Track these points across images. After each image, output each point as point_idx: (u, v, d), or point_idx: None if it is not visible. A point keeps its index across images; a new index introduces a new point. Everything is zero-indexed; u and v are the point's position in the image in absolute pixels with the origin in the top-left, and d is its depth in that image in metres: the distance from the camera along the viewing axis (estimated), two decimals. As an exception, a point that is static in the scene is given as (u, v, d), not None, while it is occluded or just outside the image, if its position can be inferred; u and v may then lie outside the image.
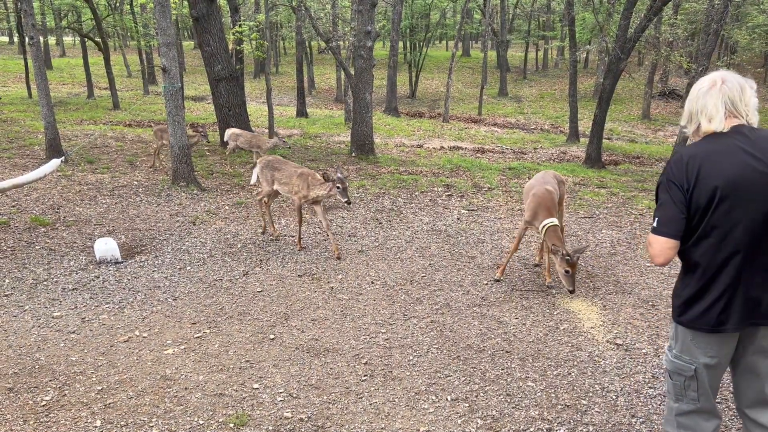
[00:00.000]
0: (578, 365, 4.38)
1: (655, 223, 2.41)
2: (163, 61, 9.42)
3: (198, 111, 23.19)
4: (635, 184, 12.31)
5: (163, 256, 6.73)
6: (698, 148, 2.39)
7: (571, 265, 5.30)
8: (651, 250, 2.43)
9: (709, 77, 2.45)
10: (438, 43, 52.36)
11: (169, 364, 4.37)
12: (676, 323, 2.56)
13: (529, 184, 6.34)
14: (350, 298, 5.66)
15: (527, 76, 37.87)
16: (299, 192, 6.96)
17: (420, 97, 32.80)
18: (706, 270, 2.40)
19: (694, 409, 2.60)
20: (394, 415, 3.76)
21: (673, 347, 2.60)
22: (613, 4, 22.36)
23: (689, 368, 2.53)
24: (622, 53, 14.55)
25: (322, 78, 36.92)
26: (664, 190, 2.40)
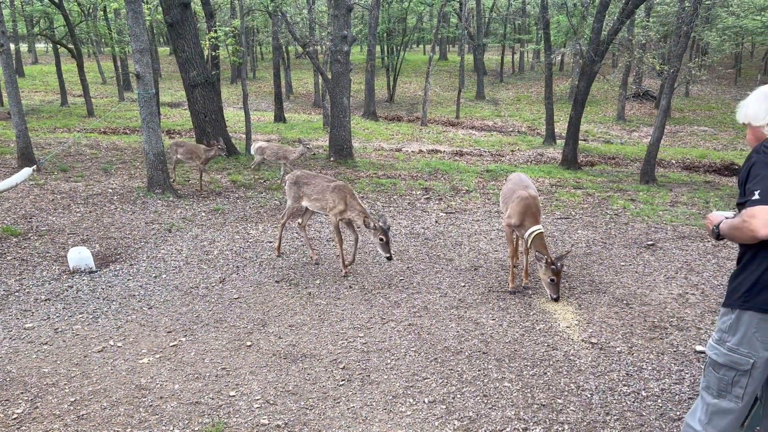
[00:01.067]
0: (554, 365, 4.42)
1: (756, 195, 2.34)
2: (137, 68, 9.33)
3: (174, 117, 22.99)
4: (611, 184, 12.46)
5: (138, 264, 6.66)
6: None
7: (556, 274, 5.34)
8: (755, 222, 2.32)
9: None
10: (415, 47, 52.59)
11: (144, 374, 4.32)
12: (739, 311, 2.50)
13: (509, 187, 6.33)
14: (328, 303, 5.65)
15: (504, 79, 38.16)
16: (335, 208, 6.36)
17: (398, 101, 32.88)
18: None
19: (734, 408, 2.54)
20: (372, 419, 3.76)
21: (727, 339, 2.53)
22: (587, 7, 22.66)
23: (747, 362, 2.47)
24: (595, 55, 14.74)
25: (299, 83, 36.84)
26: (762, 166, 2.39)
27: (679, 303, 5.64)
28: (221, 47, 15.74)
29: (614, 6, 18.72)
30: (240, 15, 15.36)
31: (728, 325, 2.54)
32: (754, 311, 2.45)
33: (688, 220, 8.87)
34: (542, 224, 5.96)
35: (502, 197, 6.41)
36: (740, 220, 2.41)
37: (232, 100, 29.17)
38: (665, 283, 6.17)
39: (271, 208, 9.27)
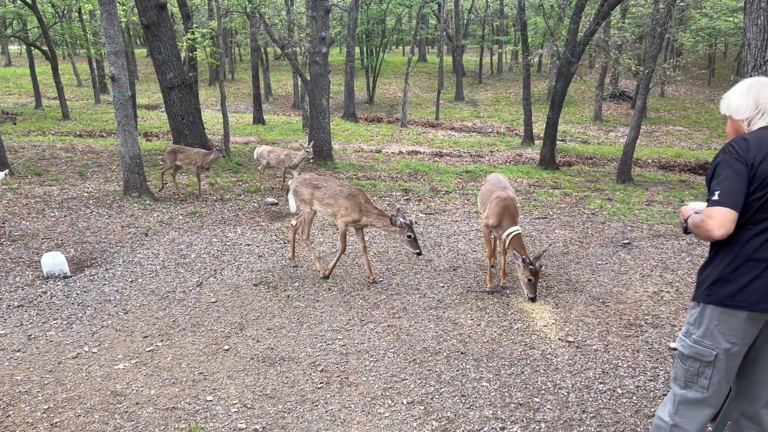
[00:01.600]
0: (531, 363, 4.46)
1: (716, 195, 2.42)
2: (112, 70, 9.23)
3: (152, 120, 22.77)
4: (588, 184, 12.60)
5: (114, 268, 6.58)
6: (761, 133, 2.51)
7: (534, 274, 5.37)
8: (711, 222, 2.41)
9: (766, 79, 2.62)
10: (395, 49, 52.65)
11: (119, 380, 4.27)
12: (703, 304, 2.57)
13: (487, 188, 6.36)
14: (307, 305, 5.63)
15: (483, 80, 38.38)
16: (347, 216, 6.08)
17: (378, 103, 32.91)
18: (751, 248, 2.44)
19: (701, 398, 2.60)
20: (350, 421, 3.75)
21: (692, 332, 2.60)
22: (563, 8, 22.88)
23: (710, 353, 2.54)
24: (572, 57, 14.90)
25: (279, 84, 36.69)
26: (725, 167, 2.44)
27: (654, 301, 5.72)
28: (199, 49, 15.61)
29: (590, 8, 18.92)
30: (217, 16, 15.26)
31: (694, 318, 2.62)
32: (715, 305, 2.53)
33: (663, 219, 8.99)
34: (520, 224, 6.01)
35: (480, 198, 6.45)
36: (700, 218, 2.48)
37: (210, 101, 28.96)
38: (641, 281, 6.25)
39: (249, 210, 9.22)
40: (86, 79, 33.20)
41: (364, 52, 36.14)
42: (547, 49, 20.90)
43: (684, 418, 2.64)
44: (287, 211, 9.20)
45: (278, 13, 26.87)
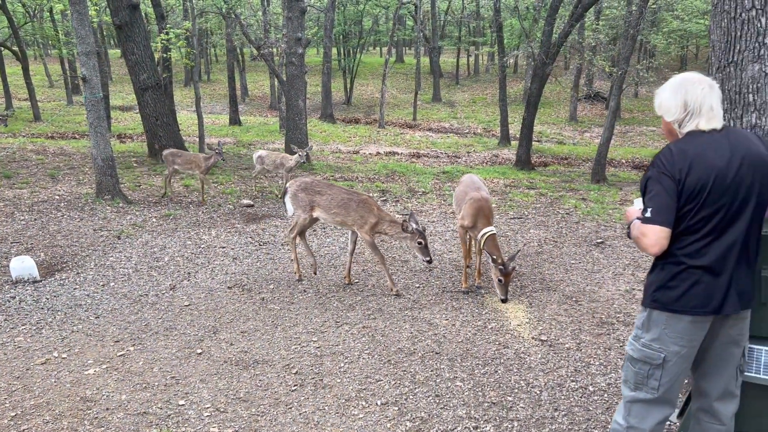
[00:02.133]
0: (504, 363, 4.48)
1: (648, 213, 2.45)
2: (83, 71, 9.09)
3: (126, 121, 22.47)
4: (563, 184, 12.73)
5: (85, 272, 6.48)
6: (686, 143, 2.48)
7: (505, 275, 5.39)
8: (646, 240, 2.46)
9: (699, 77, 2.54)
10: (372, 50, 52.66)
11: (89, 385, 4.20)
12: (650, 309, 2.60)
13: (461, 189, 6.38)
14: (282, 307, 5.60)
15: (459, 81, 38.57)
16: (367, 224, 5.90)
17: (355, 104, 32.88)
18: (689, 256, 2.48)
19: (652, 398, 2.63)
20: (324, 423, 3.74)
21: (641, 336, 2.63)
22: (538, 10, 23.10)
23: (658, 356, 2.57)
24: (547, 58, 15.04)
25: (255, 85, 36.47)
26: (654, 182, 2.46)
27: (626, 299, 5.79)
28: (173, 49, 15.45)
29: (564, 10, 19.14)
30: (192, 17, 15.12)
31: (642, 322, 2.65)
32: (660, 311, 2.56)
33: (635, 218, 9.11)
34: (496, 224, 6.04)
35: (455, 199, 6.48)
36: (637, 234, 2.52)
37: (185, 102, 28.67)
38: (613, 280, 6.33)
39: (224, 212, 9.14)
40: (58, 80, 32.65)
41: (341, 53, 36.11)
42: (522, 50, 21.08)
43: (638, 419, 2.66)
44: (263, 212, 9.16)
45: (254, 14, 26.72)
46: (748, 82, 3.43)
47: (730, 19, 3.48)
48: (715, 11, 3.61)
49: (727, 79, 3.51)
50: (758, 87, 3.40)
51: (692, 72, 2.59)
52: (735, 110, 3.48)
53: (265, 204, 9.76)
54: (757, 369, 2.85)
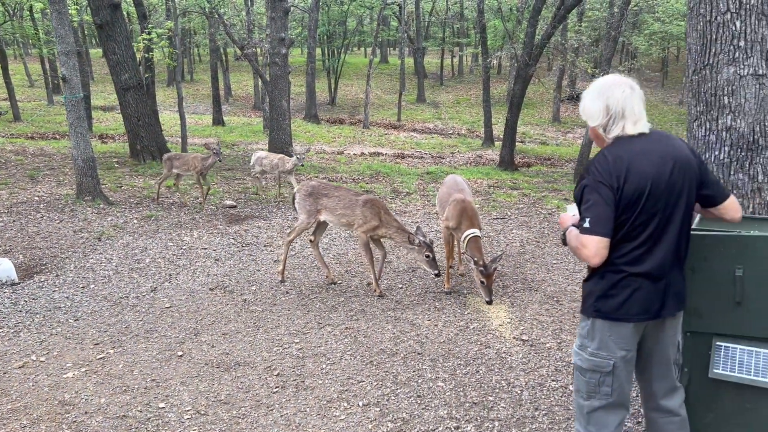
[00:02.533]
0: (486, 363, 4.51)
1: (587, 224, 2.40)
2: (63, 71, 8.99)
3: (107, 121, 22.26)
4: (546, 185, 12.81)
5: (65, 274, 6.41)
6: (620, 149, 2.46)
7: (486, 277, 5.41)
8: (586, 252, 2.42)
9: (620, 79, 2.51)
10: (356, 50, 52.62)
11: (68, 389, 4.16)
12: (593, 319, 2.58)
13: (444, 190, 6.38)
14: (264, 309, 5.58)
15: (444, 82, 38.68)
16: (366, 224, 5.83)
17: (340, 104, 32.85)
18: (628, 264, 2.47)
19: (606, 404, 2.63)
20: (305, 425, 3.73)
21: (587, 345, 2.61)
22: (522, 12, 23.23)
23: (608, 364, 2.57)
24: (530, 59, 15.14)
25: (239, 85, 36.30)
26: (591, 191, 2.42)
27: (607, 298, 5.84)
28: (156, 49, 15.32)
29: (547, 11, 19.28)
30: (174, 16, 15.02)
31: (586, 332, 2.63)
32: (603, 319, 2.56)
33: (617, 218, 9.20)
34: (481, 225, 6.05)
35: (439, 200, 6.50)
36: (576, 244, 2.48)
37: (168, 103, 28.46)
38: (594, 280, 6.37)
39: (206, 213, 9.09)
40: (38, 80, 32.25)
41: (325, 53, 36.04)
42: (505, 51, 21.19)
43: (598, 426, 2.68)
44: (246, 213, 9.12)
45: (238, 14, 26.59)
46: (723, 84, 3.48)
47: (705, 22, 3.52)
48: (691, 14, 3.66)
49: (702, 82, 3.56)
50: (733, 89, 3.45)
51: (615, 75, 2.56)
52: (710, 112, 3.53)
53: (248, 205, 9.71)
54: (732, 367, 2.89)
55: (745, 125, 3.44)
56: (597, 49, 25.69)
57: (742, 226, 2.99)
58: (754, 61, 3.41)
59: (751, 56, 3.41)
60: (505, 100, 31.07)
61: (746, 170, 3.47)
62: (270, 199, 10.16)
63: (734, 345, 2.88)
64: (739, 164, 3.48)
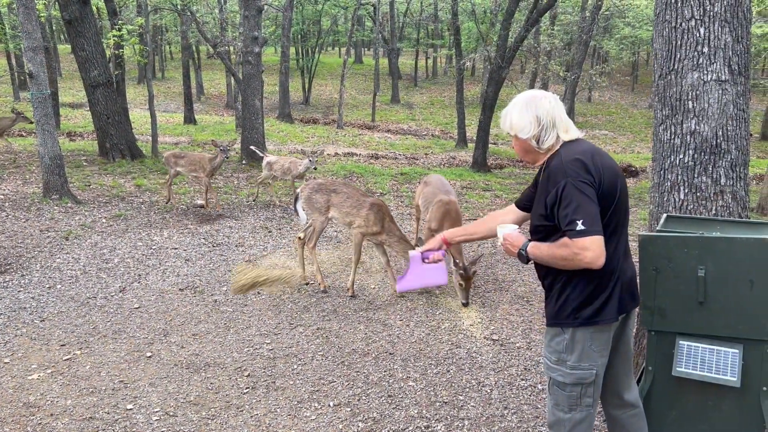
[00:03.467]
0: (457, 362, 4.54)
1: (582, 225, 2.30)
2: (30, 67, 8.80)
3: (76, 119, 21.83)
4: (518, 186, 12.94)
5: (30, 274, 6.27)
6: (577, 148, 2.48)
7: (466, 279, 5.45)
8: (590, 254, 2.32)
9: (543, 93, 2.58)
10: (331, 50, 52.52)
11: (33, 390, 4.08)
12: (572, 330, 2.52)
13: (429, 190, 6.34)
14: (234, 310, 5.54)
15: (418, 83, 38.81)
16: (366, 228, 5.74)
17: (314, 104, 32.73)
18: (608, 262, 2.42)
19: (587, 415, 2.62)
20: (276, 425, 3.72)
21: (566, 359, 2.55)
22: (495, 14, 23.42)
23: (590, 374, 2.55)
24: (503, 62, 15.28)
25: (211, 83, 35.92)
26: (576, 192, 2.34)
27: (576, 298, 5.93)
28: (126, 46, 15.08)
29: (520, 14, 19.49)
30: (145, 13, 14.80)
31: (564, 346, 2.57)
32: (585, 327, 2.51)
33: (586, 220, 9.33)
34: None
35: (423, 199, 6.44)
36: (569, 251, 2.35)
37: (139, 100, 28.02)
38: (564, 280, 6.46)
39: (177, 213, 8.98)
40: (4, 75, 31.47)
41: (299, 52, 35.88)
42: (479, 53, 21.35)
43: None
44: (218, 213, 9.03)
45: (211, 11, 26.34)
46: (687, 89, 3.56)
47: (671, 28, 3.60)
48: (657, 20, 3.74)
49: (668, 86, 3.64)
50: (697, 94, 3.53)
51: (534, 90, 2.67)
52: (675, 116, 3.60)
53: (219, 204, 9.62)
54: (695, 366, 2.95)
55: (709, 129, 3.53)
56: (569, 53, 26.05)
57: (705, 228, 3.07)
58: (717, 67, 3.49)
59: (715, 62, 3.49)
60: (478, 102, 31.31)
61: (709, 173, 3.56)
62: (242, 199, 10.08)
63: (697, 344, 2.95)
64: (703, 167, 3.56)
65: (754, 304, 2.80)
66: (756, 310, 2.80)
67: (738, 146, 3.57)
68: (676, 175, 3.64)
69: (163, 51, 40.10)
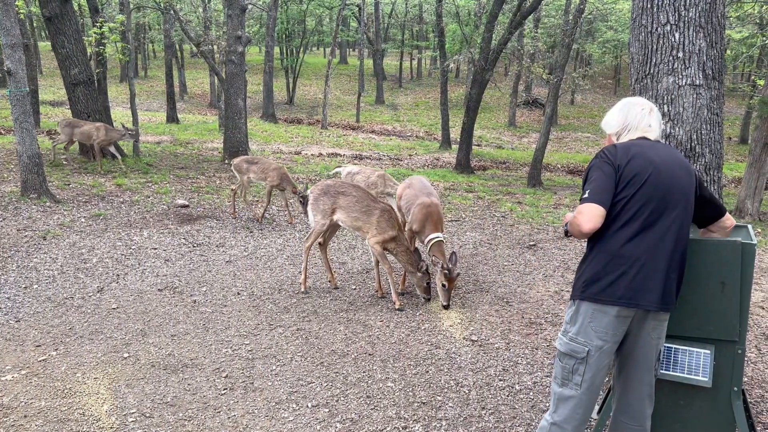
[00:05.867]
0: (436, 363, 4.56)
1: (586, 194, 2.58)
2: (8, 64, 8.68)
3: (57, 117, 21.54)
4: (500, 188, 13.02)
5: (6, 274, 6.19)
6: (629, 142, 2.72)
7: (449, 280, 5.46)
8: (581, 217, 2.55)
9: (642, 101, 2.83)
10: (315, 50, 52.42)
11: (6, 392, 4.02)
12: (579, 301, 2.69)
13: (412, 192, 6.32)
14: (214, 310, 5.51)
15: (403, 84, 38.88)
16: (381, 235, 5.59)
17: (298, 104, 32.66)
18: (619, 245, 2.59)
19: (575, 395, 2.71)
20: (253, 426, 3.71)
21: (569, 330, 2.72)
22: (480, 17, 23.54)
23: (583, 350, 2.66)
24: (486, 64, 15.36)
25: (195, 82, 35.69)
26: (596, 170, 2.63)
27: (555, 300, 5.98)
28: (107, 44, 14.93)
29: (504, 17, 19.59)
30: (127, 10, 14.67)
31: (570, 316, 2.75)
32: (588, 302, 2.66)
33: (567, 221, 9.42)
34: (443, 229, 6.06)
35: (405, 202, 6.43)
36: (573, 215, 2.64)
37: (121, 99, 27.77)
38: (543, 282, 6.52)
39: (157, 213, 8.91)
40: (-16, 72, 30.99)
41: (284, 52, 35.78)
42: (463, 55, 21.43)
43: (562, 417, 2.75)
44: (198, 213, 8.98)
45: (194, 10, 26.16)
46: (663, 93, 3.61)
47: (647, 33, 3.65)
48: (633, 25, 3.79)
49: (644, 90, 3.69)
50: (672, 98, 3.58)
51: (639, 98, 2.99)
52: (651, 120, 3.65)
53: (200, 204, 9.57)
54: (668, 366, 2.99)
55: (683, 133, 3.58)
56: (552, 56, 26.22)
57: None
58: (691, 72, 3.55)
59: (689, 67, 3.55)
60: (462, 103, 31.44)
61: (684, 176, 3.61)
62: (223, 199, 10.02)
63: (669, 344, 2.99)
64: (678, 170, 3.61)
65: (725, 306, 2.85)
66: (727, 312, 2.86)
67: (712, 150, 3.63)
68: (652, 177, 3.69)
69: (146, 49, 39.76)
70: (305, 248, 6.02)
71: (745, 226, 3.19)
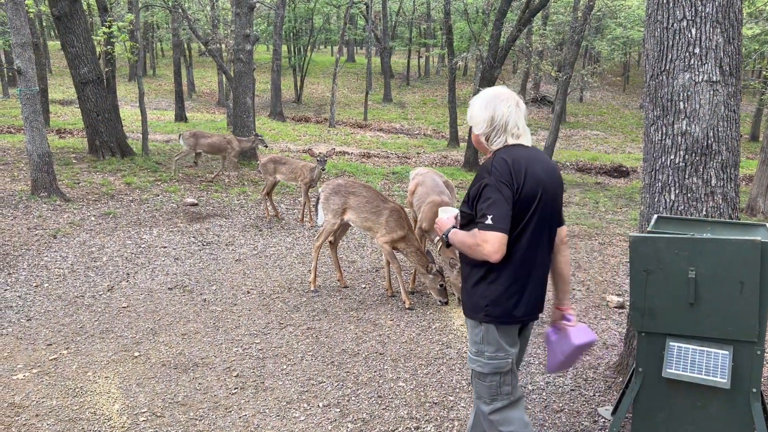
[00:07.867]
0: (447, 362, 4.53)
1: (489, 220, 2.46)
2: (18, 63, 8.71)
3: (66, 116, 21.68)
4: (509, 185, 12.93)
5: (17, 273, 6.20)
6: (515, 152, 2.58)
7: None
8: (488, 247, 2.46)
9: (508, 94, 2.66)
10: (323, 48, 52.43)
11: (18, 391, 4.03)
12: (486, 325, 2.65)
13: (423, 191, 6.28)
14: (224, 309, 5.50)
15: (410, 82, 38.79)
16: (389, 234, 5.57)
17: (306, 102, 32.65)
18: (520, 264, 2.58)
19: (508, 402, 2.72)
20: (264, 426, 3.69)
21: (484, 350, 2.67)
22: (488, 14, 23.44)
23: (507, 363, 2.67)
24: (495, 61, 15.28)
25: (203, 81, 35.76)
26: (493, 190, 2.48)
27: (566, 299, 5.92)
28: (116, 43, 14.96)
29: (512, 14, 19.50)
30: (136, 9, 14.70)
31: (480, 338, 2.69)
32: (495, 324, 2.64)
33: (578, 220, 9.36)
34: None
35: (416, 200, 6.39)
36: (474, 241, 2.53)
37: (130, 97, 27.86)
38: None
39: (167, 211, 8.91)
40: (-7, 71, 31.18)
41: (291, 50, 35.79)
42: (471, 53, 21.35)
43: (506, 425, 2.73)
44: (208, 211, 8.98)
45: (202, 9, 26.20)
46: (679, 90, 3.55)
47: (662, 29, 3.60)
48: (649, 21, 3.73)
49: (659, 87, 3.64)
50: (688, 95, 3.53)
51: (502, 87, 2.72)
52: (667, 117, 3.60)
53: (209, 203, 9.57)
54: (684, 367, 2.95)
55: (699, 130, 3.53)
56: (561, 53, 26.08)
57: (695, 229, 3.07)
58: (708, 68, 3.49)
59: (706, 63, 3.49)
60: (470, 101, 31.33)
61: (700, 174, 3.56)
62: (232, 197, 10.02)
63: (687, 345, 2.94)
64: (694, 168, 3.56)
65: (744, 306, 2.80)
66: (746, 312, 2.80)
67: (729, 147, 3.57)
68: (667, 176, 3.64)
69: (155, 48, 39.88)
70: (315, 247, 6.00)
71: (763, 224, 3.13)
